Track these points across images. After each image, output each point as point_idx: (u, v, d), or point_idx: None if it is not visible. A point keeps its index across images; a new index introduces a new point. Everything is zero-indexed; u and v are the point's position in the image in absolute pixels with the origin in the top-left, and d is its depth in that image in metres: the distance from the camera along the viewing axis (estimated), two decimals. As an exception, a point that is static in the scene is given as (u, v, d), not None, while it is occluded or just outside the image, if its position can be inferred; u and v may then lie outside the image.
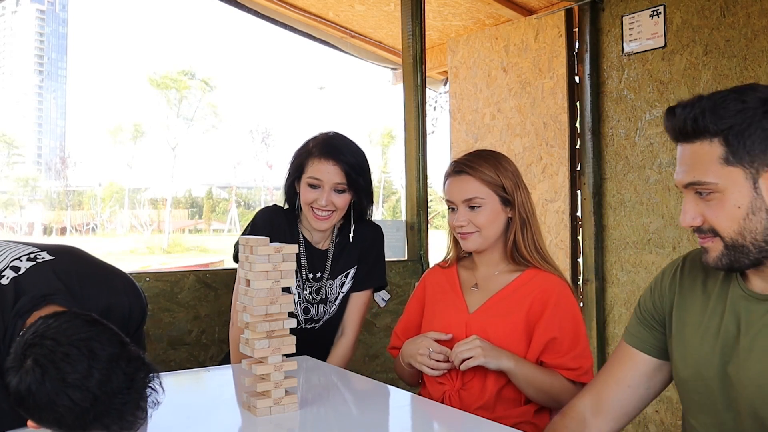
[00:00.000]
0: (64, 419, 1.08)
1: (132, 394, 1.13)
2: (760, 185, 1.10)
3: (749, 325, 1.15)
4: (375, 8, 4.24)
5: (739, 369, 1.15)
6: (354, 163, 1.99)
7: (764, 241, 1.11)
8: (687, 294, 1.28)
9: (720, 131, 1.10)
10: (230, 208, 50.60)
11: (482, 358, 1.63)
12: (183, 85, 47.46)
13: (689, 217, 1.16)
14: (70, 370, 1.07)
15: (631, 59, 3.51)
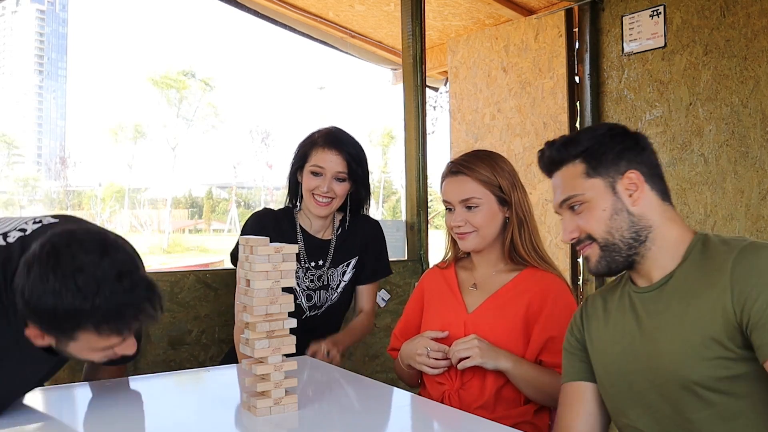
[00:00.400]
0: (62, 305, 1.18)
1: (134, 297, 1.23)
2: (618, 190, 1.34)
3: (649, 313, 1.34)
4: (375, 8, 4.24)
5: (656, 348, 1.31)
6: (355, 154, 2.12)
7: (630, 237, 1.34)
8: (592, 319, 1.48)
9: (579, 153, 1.36)
10: (230, 208, 50.60)
11: (479, 358, 1.63)
12: (183, 85, 47.47)
13: (568, 232, 1.38)
14: (83, 256, 1.20)
15: (631, 59, 3.51)
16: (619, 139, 1.36)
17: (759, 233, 3.07)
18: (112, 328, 1.24)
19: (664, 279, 1.33)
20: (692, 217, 3.29)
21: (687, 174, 3.31)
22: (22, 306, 1.24)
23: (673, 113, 3.37)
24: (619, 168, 1.34)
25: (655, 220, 1.34)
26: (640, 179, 1.34)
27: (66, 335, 1.25)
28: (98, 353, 1.31)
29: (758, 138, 3.07)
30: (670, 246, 1.34)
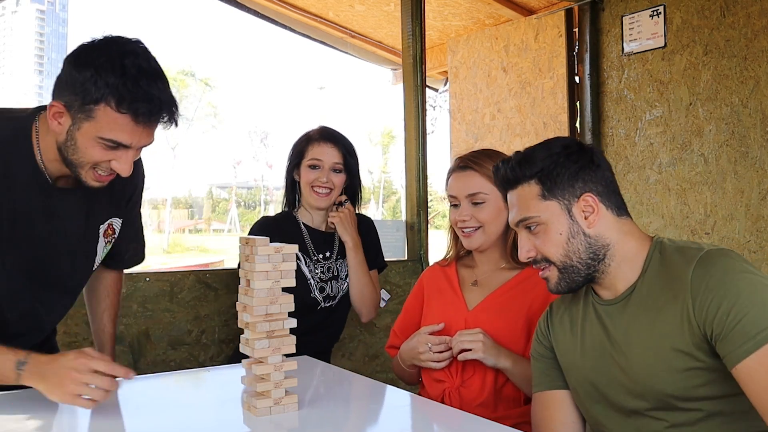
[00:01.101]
0: (100, 75, 1.30)
1: (163, 95, 1.34)
2: (574, 213, 1.34)
3: (616, 325, 1.35)
4: (375, 8, 4.24)
5: (628, 363, 1.31)
6: (349, 147, 2.25)
7: (588, 258, 1.34)
8: (558, 328, 1.48)
9: (534, 174, 1.35)
10: (230, 208, 50.57)
11: (481, 353, 1.63)
12: (183, 85, 47.45)
13: (525, 251, 1.38)
14: (136, 48, 1.35)
15: (631, 59, 3.51)
16: (575, 158, 1.35)
17: (759, 233, 3.07)
18: (132, 108, 1.31)
19: (628, 291, 1.34)
20: (692, 217, 3.29)
21: (687, 174, 3.31)
22: (57, 82, 1.34)
23: (673, 113, 3.37)
24: (574, 190, 1.34)
25: (612, 237, 1.34)
26: (596, 201, 1.34)
27: (86, 109, 1.32)
28: (101, 149, 1.36)
29: (758, 138, 3.07)
30: (629, 258, 1.35)
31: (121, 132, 1.34)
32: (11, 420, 1.37)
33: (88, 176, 1.42)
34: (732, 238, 3.14)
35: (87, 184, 1.43)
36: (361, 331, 2.87)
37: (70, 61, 1.35)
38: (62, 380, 1.29)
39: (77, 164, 1.40)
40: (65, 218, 1.52)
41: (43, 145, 1.43)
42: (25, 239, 1.48)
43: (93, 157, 1.38)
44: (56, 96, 1.36)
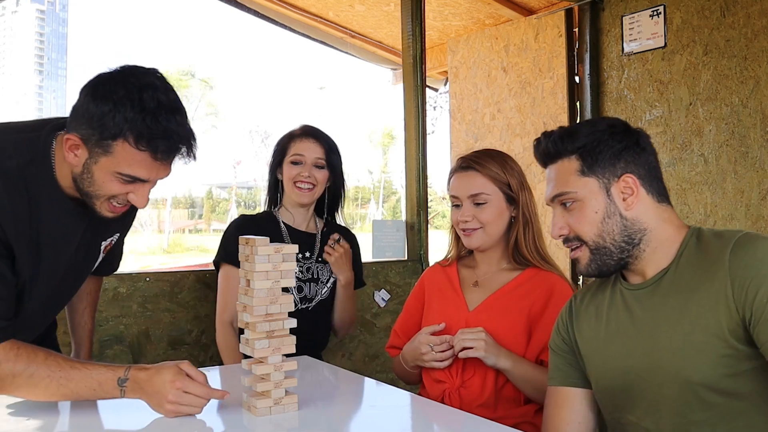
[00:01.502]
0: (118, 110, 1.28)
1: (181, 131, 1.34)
2: (612, 193, 1.30)
3: (644, 308, 1.31)
4: (375, 8, 4.24)
5: (654, 347, 1.27)
6: (331, 143, 2.25)
7: (623, 241, 1.31)
8: (582, 318, 1.44)
9: (575, 149, 1.32)
10: (230, 208, 50.56)
11: (482, 351, 1.63)
12: (183, 85, 47.44)
13: (557, 227, 1.35)
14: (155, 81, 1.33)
15: (631, 59, 3.51)
16: (619, 137, 1.31)
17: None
18: (151, 145, 1.30)
19: (659, 275, 1.30)
20: (692, 217, 3.29)
21: (687, 174, 3.31)
22: (73, 113, 1.33)
23: (673, 113, 3.37)
24: (615, 170, 1.30)
25: (649, 223, 1.31)
26: (636, 184, 1.30)
27: (104, 144, 1.31)
28: (119, 183, 1.36)
29: (758, 138, 3.07)
30: (664, 245, 1.31)
31: (139, 168, 1.34)
32: (11, 420, 1.37)
33: (103, 207, 1.41)
34: (732, 238, 3.13)
35: (101, 215, 1.43)
36: (361, 331, 2.87)
37: (88, 92, 1.34)
38: (161, 401, 1.34)
39: (93, 196, 1.39)
40: (77, 239, 1.53)
41: (59, 172, 1.42)
42: (50, 272, 1.48)
43: (110, 190, 1.37)
44: (73, 128, 1.34)
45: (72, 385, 1.34)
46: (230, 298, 2.14)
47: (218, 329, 2.16)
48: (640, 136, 1.34)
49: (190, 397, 1.34)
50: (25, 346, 1.35)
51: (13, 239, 1.36)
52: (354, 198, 47.23)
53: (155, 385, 1.34)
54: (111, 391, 1.36)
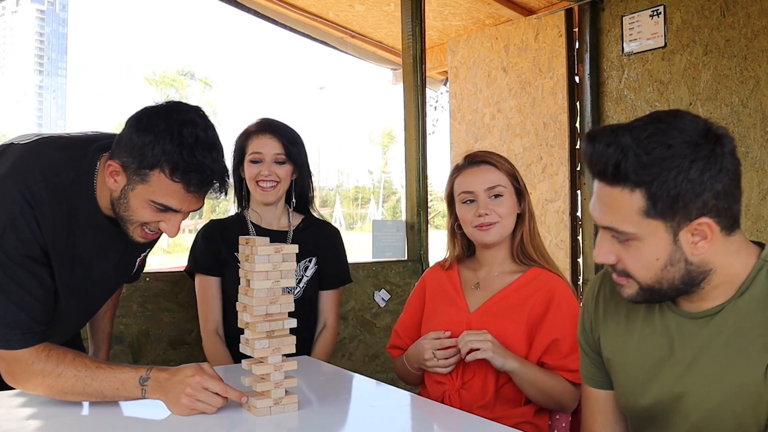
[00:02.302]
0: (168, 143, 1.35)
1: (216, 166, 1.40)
2: (681, 238, 1.06)
3: (684, 342, 1.15)
4: (375, 8, 4.24)
5: (685, 394, 1.15)
6: (290, 136, 2.16)
7: (683, 284, 1.11)
8: (609, 319, 1.28)
9: (643, 183, 1.03)
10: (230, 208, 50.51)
11: (490, 353, 1.62)
12: (182, 85, 47.44)
13: (603, 253, 1.12)
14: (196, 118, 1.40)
15: (631, 59, 3.51)
16: (701, 165, 1.02)
17: (759, 233, 3.07)
18: (184, 178, 1.37)
19: (714, 309, 1.13)
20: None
21: (687, 174, 3.31)
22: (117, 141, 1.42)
23: (673, 113, 3.37)
24: (689, 212, 1.04)
25: (716, 262, 1.10)
26: (712, 228, 1.06)
27: (142, 173, 1.38)
28: (152, 211, 1.42)
29: (758, 138, 3.07)
30: (727, 281, 1.12)
31: (172, 198, 1.40)
32: (11, 420, 1.37)
33: (135, 232, 1.48)
34: (732, 238, 3.13)
35: (133, 239, 1.50)
36: (361, 331, 2.87)
37: (132, 123, 1.42)
38: (178, 396, 1.37)
39: (127, 220, 1.46)
40: (113, 256, 1.60)
41: (99, 192, 1.49)
42: (82, 282, 1.54)
43: (143, 217, 1.44)
44: (115, 155, 1.42)
45: (97, 385, 1.39)
46: (210, 307, 2.13)
47: (204, 338, 2.14)
48: (724, 153, 1.04)
49: (207, 394, 1.38)
50: (56, 348, 1.42)
51: (51, 250, 1.43)
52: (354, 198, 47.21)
53: (175, 382, 1.38)
54: (133, 390, 1.40)
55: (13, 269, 1.38)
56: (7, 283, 1.38)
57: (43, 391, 1.41)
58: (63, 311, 1.53)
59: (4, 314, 1.38)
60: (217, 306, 2.14)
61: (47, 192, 1.42)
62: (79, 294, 1.56)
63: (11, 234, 1.38)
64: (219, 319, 2.14)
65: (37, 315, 1.41)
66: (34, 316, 1.40)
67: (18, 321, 1.38)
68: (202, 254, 2.16)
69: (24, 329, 1.39)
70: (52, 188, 1.43)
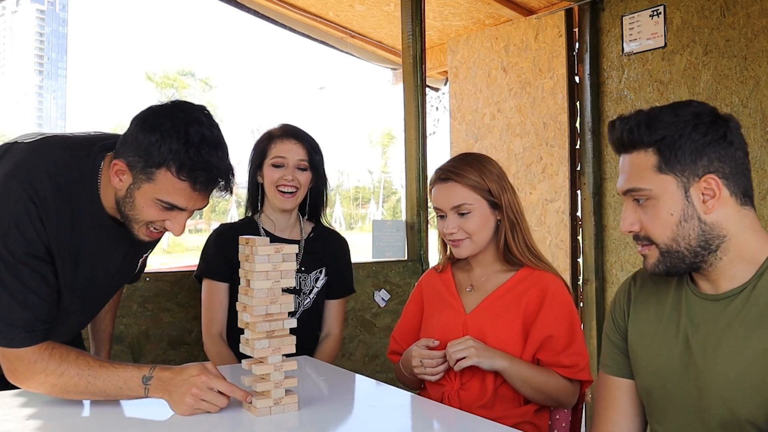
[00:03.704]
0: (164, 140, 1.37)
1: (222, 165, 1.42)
2: (691, 194, 1.18)
3: (709, 325, 1.21)
4: (375, 8, 4.24)
5: (706, 368, 1.19)
6: (313, 144, 2.15)
7: (699, 246, 1.19)
8: (640, 307, 1.34)
9: (653, 142, 1.19)
10: (230, 208, 50.50)
11: (476, 358, 1.63)
12: (182, 85, 47.43)
13: (628, 223, 1.24)
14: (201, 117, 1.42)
15: (631, 59, 3.51)
16: (704, 130, 1.17)
17: (759, 233, 3.07)
18: (191, 176, 1.38)
19: (734, 291, 1.19)
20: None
21: (687, 174, 3.31)
22: (122, 141, 1.43)
23: (673, 113, 3.37)
24: (696, 169, 1.17)
25: (730, 229, 1.18)
26: (719, 185, 1.17)
27: (148, 172, 1.39)
28: (158, 210, 1.43)
29: (758, 138, 3.07)
30: (745, 256, 1.19)
31: (178, 196, 1.42)
32: (11, 420, 1.37)
33: (140, 231, 1.49)
34: (732, 238, 3.13)
35: (138, 238, 1.51)
36: (361, 331, 2.87)
37: (138, 122, 1.43)
38: (183, 395, 1.37)
39: (132, 219, 1.47)
40: (117, 256, 1.61)
41: (103, 192, 1.50)
42: (85, 281, 1.55)
43: (149, 216, 1.45)
44: (120, 154, 1.43)
45: (99, 383, 1.40)
46: (216, 312, 2.11)
47: (207, 341, 2.13)
48: (729, 127, 1.20)
49: (213, 394, 1.38)
50: (59, 346, 1.42)
51: (55, 249, 1.44)
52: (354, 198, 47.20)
53: (179, 381, 1.38)
54: (136, 389, 1.40)
55: (18, 268, 1.39)
56: (11, 282, 1.38)
57: (46, 390, 1.41)
58: (65, 310, 1.53)
59: (8, 313, 1.38)
60: (222, 312, 2.12)
61: (52, 191, 1.43)
62: (82, 293, 1.56)
63: (16, 232, 1.38)
64: (223, 324, 2.12)
65: (41, 313, 1.41)
66: (38, 314, 1.40)
67: (21, 319, 1.39)
68: (213, 259, 2.14)
69: (27, 328, 1.39)
70: (56, 187, 1.44)
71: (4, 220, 1.38)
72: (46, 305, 1.42)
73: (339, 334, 2.24)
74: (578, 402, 1.78)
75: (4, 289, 1.38)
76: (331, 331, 2.22)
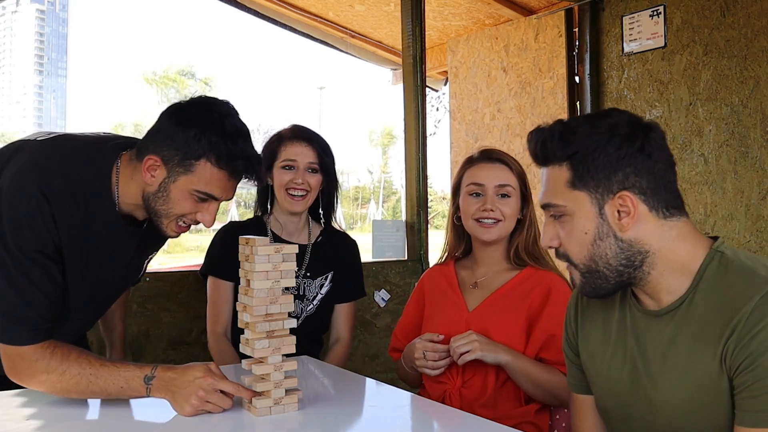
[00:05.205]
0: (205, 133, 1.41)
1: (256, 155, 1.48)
2: (606, 211, 1.13)
3: (654, 343, 1.17)
4: (375, 8, 4.24)
5: (655, 391, 1.16)
6: (324, 145, 2.13)
7: (620, 264, 1.15)
8: (588, 325, 1.31)
9: (566, 156, 1.14)
10: (230, 208, 50.47)
11: (479, 351, 1.63)
12: (183, 85, 47.46)
13: (547, 238, 1.21)
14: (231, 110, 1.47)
15: (631, 59, 3.51)
16: (619, 143, 1.12)
17: (759, 233, 3.07)
18: (229, 165, 1.43)
19: (674, 305, 1.15)
20: (692, 217, 3.29)
21: (687, 174, 3.31)
22: (153, 136, 1.46)
23: (673, 113, 3.37)
24: (610, 185, 1.12)
25: (653, 244, 1.14)
26: (634, 203, 1.12)
27: (186, 164, 1.42)
28: (192, 202, 1.46)
29: (758, 138, 3.07)
30: (676, 268, 1.15)
31: (215, 186, 1.45)
32: (11, 420, 1.37)
33: (170, 227, 1.51)
34: (732, 238, 3.14)
35: (166, 234, 1.53)
36: (361, 331, 2.87)
37: (170, 118, 1.46)
38: (188, 397, 1.37)
39: (163, 214, 1.48)
40: (124, 256, 1.61)
41: (123, 190, 1.51)
42: (93, 280, 1.55)
43: (183, 208, 1.47)
44: (151, 150, 1.45)
45: (101, 383, 1.40)
46: (220, 311, 2.09)
47: (211, 339, 2.11)
48: (649, 138, 1.14)
49: (219, 396, 1.38)
50: (61, 345, 1.42)
51: (66, 247, 1.44)
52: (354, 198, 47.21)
53: (183, 382, 1.38)
54: (137, 388, 1.40)
55: (25, 265, 1.39)
56: (18, 279, 1.38)
57: (46, 389, 1.41)
58: (72, 309, 1.53)
59: (12, 309, 1.38)
60: (227, 310, 2.10)
61: (65, 188, 1.44)
62: (89, 293, 1.56)
63: (27, 229, 1.39)
64: (228, 322, 2.10)
65: (45, 312, 1.41)
66: (42, 313, 1.40)
67: (25, 317, 1.39)
68: (219, 257, 2.12)
69: (31, 326, 1.39)
70: (70, 185, 1.45)
71: (16, 217, 1.39)
72: (51, 304, 1.42)
73: (349, 339, 2.21)
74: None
75: (10, 285, 1.38)
76: (341, 335, 2.20)
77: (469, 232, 1.82)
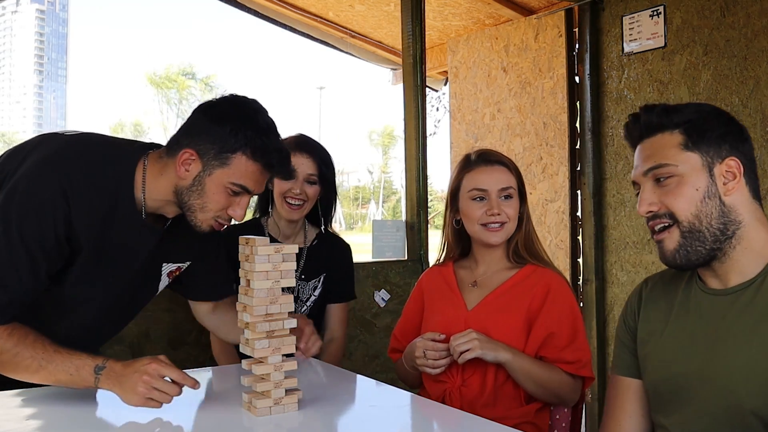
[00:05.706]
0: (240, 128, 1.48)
1: (287, 151, 1.56)
2: (715, 173, 1.22)
3: (717, 319, 1.23)
4: (375, 8, 4.24)
5: (712, 359, 1.20)
6: (324, 157, 2.16)
7: (718, 228, 1.21)
8: (650, 306, 1.37)
9: (681, 123, 1.24)
10: (230, 207, 50.40)
11: (479, 350, 1.63)
12: (183, 85, 47.49)
13: (646, 203, 1.25)
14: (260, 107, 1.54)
15: (631, 59, 3.51)
16: (725, 120, 1.25)
17: (759, 233, 3.07)
18: (264, 158, 1.49)
19: (742, 286, 1.21)
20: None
21: (687, 174, 3.31)
22: (187, 131, 1.51)
23: (673, 113, 3.37)
24: (720, 150, 1.22)
25: (745, 216, 1.21)
26: (740, 170, 1.22)
27: (222, 157, 1.47)
28: (225, 195, 1.50)
29: (758, 138, 3.07)
30: (755, 249, 1.21)
31: (249, 179, 1.50)
32: (11, 420, 1.37)
33: (205, 221, 1.53)
34: (732, 238, 3.14)
35: (198, 228, 1.55)
36: (361, 331, 2.87)
37: (205, 114, 1.52)
38: (135, 384, 1.37)
39: (198, 208, 1.52)
40: (140, 255, 1.61)
41: (150, 186, 1.53)
42: (111, 276, 1.57)
43: (217, 202, 1.51)
44: (186, 144, 1.50)
45: (51, 367, 1.40)
46: None
47: (213, 338, 2.15)
48: (743, 126, 1.27)
49: (164, 382, 1.37)
50: (20, 328, 1.43)
51: (84, 239, 1.47)
52: (354, 198, 47.21)
53: (130, 371, 1.38)
54: (87, 377, 1.40)
55: (18, 249, 1.40)
56: (5, 260, 1.39)
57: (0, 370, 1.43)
58: (84, 303, 1.55)
59: None
60: None
61: (87, 183, 1.46)
62: (105, 295, 1.58)
63: (34, 217, 1.40)
64: None
65: (16, 299, 1.42)
66: (13, 300, 1.41)
67: None
68: None
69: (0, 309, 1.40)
70: (93, 180, 1.47)
71: (27, 202, 1.40)
72: (24, 296, 1.43)
73: (342, 338, 2.25)
74: (578, 401, 1.79)
75: None
76: (335, 335, 2.24)
77: (475, 236, 1.82)
